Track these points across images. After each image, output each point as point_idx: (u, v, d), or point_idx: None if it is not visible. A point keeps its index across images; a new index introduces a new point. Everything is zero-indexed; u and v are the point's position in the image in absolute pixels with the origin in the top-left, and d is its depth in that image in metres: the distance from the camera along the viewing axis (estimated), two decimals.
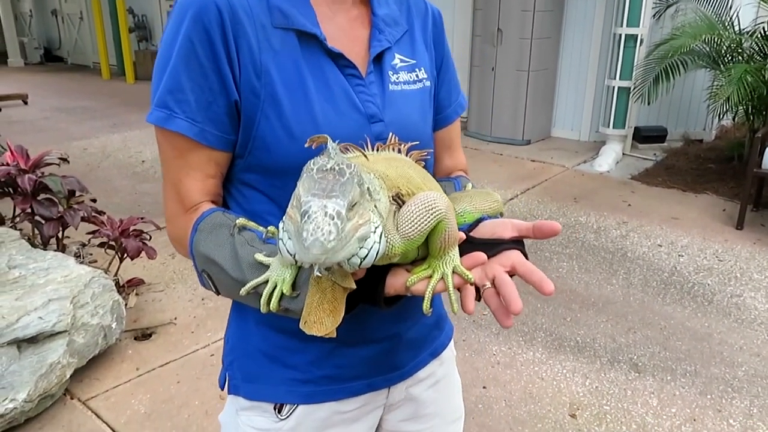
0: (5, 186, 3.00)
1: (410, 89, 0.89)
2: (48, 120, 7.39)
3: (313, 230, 0.54)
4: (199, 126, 0.77)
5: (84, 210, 3.02)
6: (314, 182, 0.57)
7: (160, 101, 0.77)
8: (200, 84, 0.77)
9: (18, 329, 2.24)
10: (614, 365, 2.63)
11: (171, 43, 0.77)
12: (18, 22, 12.81)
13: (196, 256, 0.79)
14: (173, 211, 0.83)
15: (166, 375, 2.53)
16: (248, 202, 0.85)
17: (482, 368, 2.60)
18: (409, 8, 0.94)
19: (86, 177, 4.32)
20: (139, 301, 3.08)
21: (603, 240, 3.91)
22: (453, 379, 1.07)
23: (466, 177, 1.00)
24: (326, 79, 0.81)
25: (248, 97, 0.78)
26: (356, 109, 0.82)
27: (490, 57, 6.05)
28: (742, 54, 4.91)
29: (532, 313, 3.04)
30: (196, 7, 0.75)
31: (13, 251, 2.71)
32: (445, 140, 1.01)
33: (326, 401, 0.89)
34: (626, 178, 5.17)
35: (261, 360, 0.89)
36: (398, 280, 0.71)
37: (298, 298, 0.71)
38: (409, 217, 0.65)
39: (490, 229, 0.78)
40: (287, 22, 0.79)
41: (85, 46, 12.18)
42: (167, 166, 0.82)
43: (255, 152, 0.80)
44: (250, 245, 0.75)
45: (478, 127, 6.39)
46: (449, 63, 1.00)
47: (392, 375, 0.93)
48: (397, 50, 0.89)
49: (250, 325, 0.90)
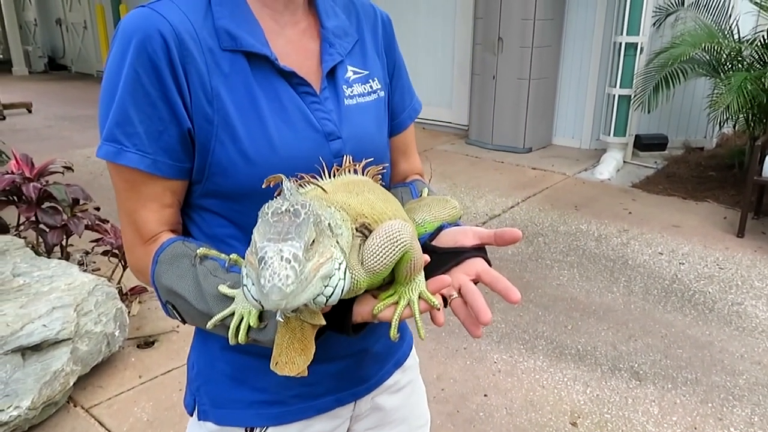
0: (10, 194, 3.02)
1: (365, 101, 0.88)
2: (52, 128, 7.44)
3: (270, 276, 0.53)
4: (151, 158, 0.75)
5: (88, 218, 3.04)
6: (269, 226, 0.57)
7: (108, 135, 0.75)
8: (149, 114, 0.74)
9: (22, 337, 2.26)
10: (615, 373, 2.63)
11: (116, 73, 0.74)
12: (23, 31, 12.91)
13: (158, 287, 0.77)
14: (131, 242, 0.81)
15: (169, 382, 2.54)
16: (208, 226, 0.83)
17: (483, 376, 2.61)
18: (358, 16, 0.92)
19: (89, 185, 4.34)
20: (142, 309, 3.10)
21: (604, 248, 3.92)
22: (417, 386, 1.08)
23: (422, 181, 1.00)
24: (280, 99, 0.79)
25: (201, 123, 0.76)
26: (313, 128, 0.81)
27: (491, 65, 6.09)
28: (742, 62, 4.93)
29: (533, 321, 3.05)
30: (140, 35, 0.73)
31: (18, 259, 2.73)
32: (401, 146, 1.01)
33: (296, 420, 0.89)
34: (627, 185, 5.19)
35: (228, 384, 0.88)
36: (365, 308, 0.71)
37: (266, 328, 0.71)
38: (374, 251, 0.65)
39: (452, 237, 0.78)
40: (235, 44, 0.77)
41: (89, 55, 12.26)
42: (121, 199, 0.79)
43: (212, 178, 0.78)
44: (213, 275, 0.74)
45: (479, 135, 6.42)
46: (401, 68, 0.98)
47: (359, 388, 0.94)
48: (349, 62, 0.88)
49: (214, 349, 0.89)
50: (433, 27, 6.85)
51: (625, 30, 5.25)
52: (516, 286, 0.71)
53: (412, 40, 6.86)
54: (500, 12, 5.85)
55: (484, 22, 6.10)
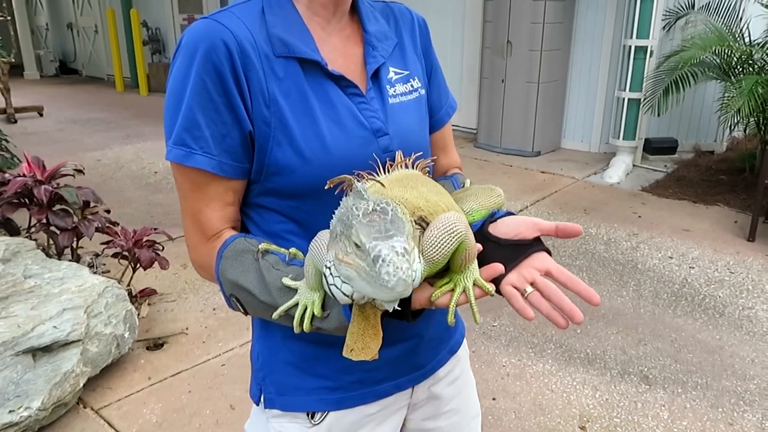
0: (22, 197, 3.05)
1: (407, 100, 0.93)
2: (63, 131, 7.50)
3: (394, 271, 0.58)
4: (217, 159, 0.80)
5: (98, 221, 3.07)
6: (367, 227, 0.61)
7: (177, 139, 0.80)
8: (214, 119, 0.79)
9: (33, 338, 2.27)
10: (624, 377, 2.62)
11: (182, 82, 0.79)
12: (34, 35, 13.04)
13: (223, 282, 0.82)
14: (195, 240, 0.86)
15: (178, 384, 2.55)
16: (266, 223, 0.88)
17: (492, 380, 2.60)
18: (396, 21, 0.98)
19: (100, 188, 4.38)
20: (152, 311, 3.12)
21: (613, 252, 3.90)
22: (469, 377, 1.11)
23: (461, 173, 1.05)
24: (330, 100, 0.84)
25: (260, 126, 0.81)
26: (362, 126, 0.85)
27: (500, 69, 6.08)
28: (752, 65, 4.90)
29: (541, 324, 3.04)
30: (205, 46, 0.78)
31: (29, 261, 2.75)
32: (440, 141, 1.05)
33: (356, 405, 0.93)
34: (637, 189, 5.16)
35: (291, 372, 0.93)
36: (423, 295, 0.75)
37: (329, 317, 0.76)
38: (433, 242, 0.69)
39: (514, 228, 0.81)
40: (288, 51, 0.82)
41: (100, 59, 12.35)
42: (186, 199, 0.84)
43: (269, 177, 0.83)
44: (275, 269, 0.79)
45: (487, 138, 6.41)
46: (437, 68, 1.04)
47: (416, 374, 0.97)
48: (391, 64, 0.93)
49: (277, 340, 0.93)
50: (443, 30, 6.85)
51: (635, 33, 5.23)
52: None
53: None
54: (509, 15, 5.84)
55: (493, 25, 6.10)
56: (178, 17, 10.48)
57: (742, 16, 5.16)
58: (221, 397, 2.46)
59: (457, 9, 6.72)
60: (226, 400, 2.43)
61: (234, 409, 2.39)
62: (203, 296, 3.26)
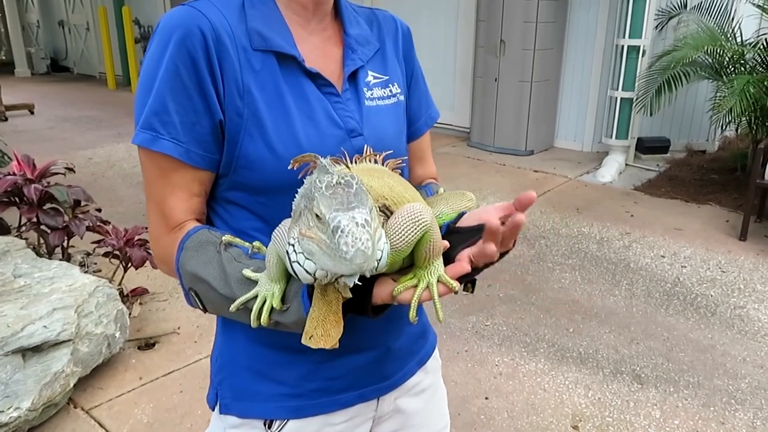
0: (11, 195, 3.02)
1: (385, 104, 0.92)
2: (54, 130, 7.45)
3: (353, 242, 0.56)
4: (184, 146, 0.79)
5: (89, 219, 3.05)
6: (329, 199, 0.59)
7: (145, 123, 0.78)
8: (185, 106, 0.78)
9: (23, 338, 2.25)
10: (617, 376, 2.62)
11: (155, 66, 0.78)
12: (25, 32, 12.93)
13: (183, 274, 0.80)
14: (157, 231, 0.84)
15: (169, 384, 2.54)
16: (233, 219, 0.86)
17: (484, 379, 2.60)
18: (379, 27, 0.98)
19: (91, 186, 4.35)
20: (143, 310, 3.10)
21: (606, 251, 3.91)
22: (438, 389, 1.08)
23: (436, 183, 1.04)
24: (306, 97, 0.84)
25: (232, 117, 0.80)
26: (336, 125, 0.85)
27: (493, 68, 6.09)
28: (744, 65, 4.93)
29: (534, 324, 3.04)
30: (181, 31, 0.77)
31: (19, 260, 2.73)
32: (417, 152, 1.05)
33: (317, 414, 0.90)
34: (629, 188, 5.18)
35: (250, 377, 0.90)
36: (385, 290, 0.72)
37: (288, 310, 0.73)
38: (397, 230, 0.67)
39: (476, 216, 0.79)
40: (266, 44, 0.82)
41: (92, 57, 12.28)
42: (151, 187, 0.82)
43: (239, 171, 0.82)
44: (237, 261, 0.77)
45: (480, 137, 6.41)
46: (419, 77, 1.03)
47: (381, 385, 0.95)
48: (370, 68, 0.92)
49: (238, 342, 0.91)
50: (436, 29, 6.85)
51: (628, 33, 5.24)
52: (518, 289, 0.71)
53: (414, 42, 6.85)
54: (502, 14, 5.85)
55: (486, 24, 6.10)
56: None
57: (734, 16, 5.18)
58: None
59: (450, 8, 6.72)
60: None
61: None
62: None
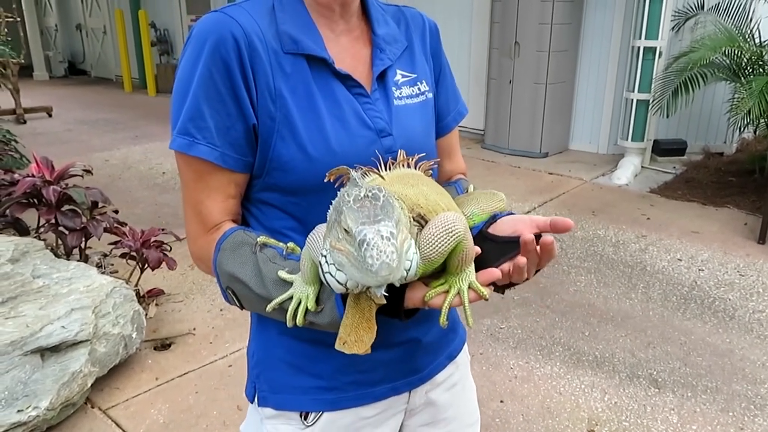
0: (30, 197, 3.06)
1: (413, 103, 0.93)
2: (71, 132, 7.53)
3: (378, 255, 0.58)
4: (220, 150, 0.81)
5: (106, 221, 3.08)
6: (356, 212, 0.61)
7: (182, 129, 0.80)
8: (219, 111, 0.80)
9: (41, 338, 2.28)
10: (633, 380, 2.60)
11: (190, 73, 0.80)
12: (44, 36, 13.10)
13: (220, 274, 0.82)
14: (195, 231, 0.86)
15: (185, 385, 2.55)
16: (267, 219, 0.88)
17: (499, 382, 2.59)
18: (407, 24, 0.98)
19: (108, 188, 4.39)
20: (159, 311, 3.12)
21: (622, 254, 3.87)
22: (468, 384, 1.10)
23: (465, 179, 1.04)
24: (336, 99, 0.85)
25: (265, 120, 0.81)
26: (366, 126, 0.86)
27: (508, 70, 6.06)
28: (763, 66, 4.86)
29: (550, 327, 3.02)
30: (214, 38, 0.79)
31: (38, 261, 2.76)
32: (446, 147, 1.05)
33: (351, 407, 0.92)
34: (645, 191, 5.13)
35: (286, 370, 0.92)
36: (416, 294, 0.74)
37: (323, 311, 0.75)
38: (430, 240, 0.68)
39: (511, 225, 0.80)
40: (297, 47, 0.83)
41: (108, 60, 12.41)
42: (188, 189, 0.85)
43: (272, 172, 0.83)
44: (272, 262, 0.79)
45: (495, 139, 6.39)
46: (447, 73, 1.04)
47: (413, 378, 0.96)
48: (399, 66, 0.93)
49: (273, 337, 0.93)
50: (450, 31, 6.84)
51: (644, 34, 5.20)
52: (533, 292, 0.72)
53: None
54: (517, 16, 5.83)
55: (500, 26, 6.08)
56: (186, 18, 10.51)
57: (752, 16, 5.12)
58: (228, 397, 2.46)
59: (465, 10, 6.71)
60: (233, 401, 2.43)
61: (241, 410, 2.39)
62: (210, 297, 3.26)
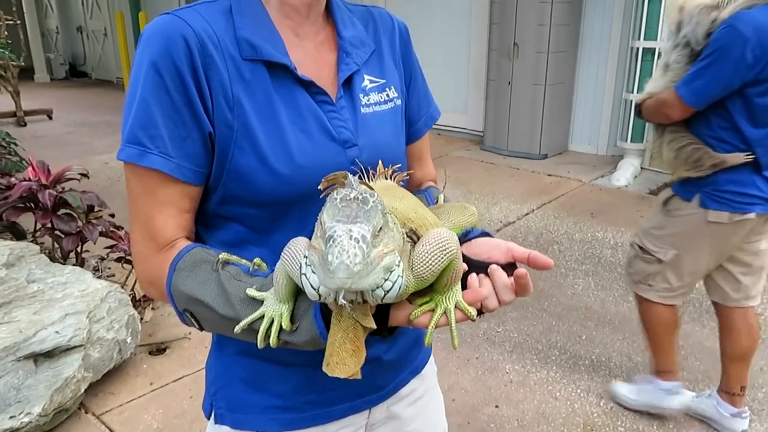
0: (27, 201, 3.06)
1: (382, 110, 0.89)
2: (71, 134, 7.54)
3: (339, 253, 0.54)
4: (175, 161, 0.75)
5: (102, 225, 3.07)
6: (338, 210, 0.57)
7: (131, 137, 0.75)
8: (173, 118, 0.75)
9: (35, 343, 2.28)
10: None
11: (139, 77, 0.75)
12: (45, 38, 13.11)
13: (175, 297, 0.76)
14: (144, 251, 0.79)
15: (180, 390, 2.55)
16: (224, 233, 0.83)
17: (495, 386, 2.58)
18: (375, 26, 0.94)
19: (107, 190, 4.39)
20: (155, 315, 3.12)
21: (620, 256, 3.86)
22: (434, 395, 1.07)
23: (435, 188, 1.00)
24: (298, 107, 0.81)
25: (221, 129, 0.77)
26: (329, 136, 0.82)
27: (507, 71, 6.05)
28: None
29: (546, 330, 3.01)
30: (163, 40, 0.74)
31: (33, 265, 2.76)
32: (416, 153, 1.02)
33: (308, 427, 0.90)
34: (645, 192, 5.11)
35: (244, 388, 0.90)
36: (401, 313, 0.70)
37: (298, 330, 0.71)
38: (424, 258, 0.65)
39: (487, 251, 0.77)
40: (256, 53, 0.79)
41: (109, 62, 12.42)
42: (136, 204, 0.78)
43: (229, 184, 0.79)
44: (237, 280, 0.74)
45: (494, 141, 6.38)
46: (418, 76, 0.99)
47: (373, 396, 0.94)
48: (366, 71, 0.89)
49: (231, 354, 0.90)
50: (448, 32, 6.83)
51: (643, 35, 5.18)
52: (530, 295, 0.70)
53: (427, 45, 6.84)
54: (516, 17, 5.81)
55: (499, 27, 6.07)
56: None
57: None
58: None
59: (463, 11, 6.70)
60: None
61: None
62: None
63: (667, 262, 2.14)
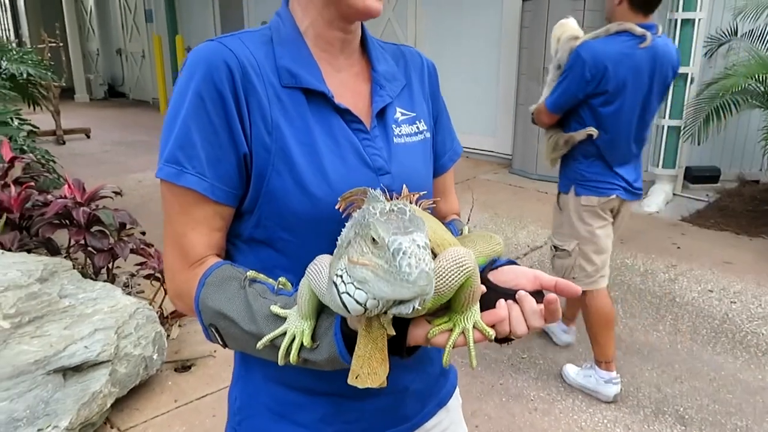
0: (62, 217, 3.15)
1: (412, 141, 0.92)
2: (108, 153, 7.75)
3: (416, 263, 0.55)
4: (209, 182, 0.78)
5: (133, 242, 3.14)
6: (385, 224, 0.59)
7: (170, 156, 0.78)
8: (210, 140, 0.78)
9: (64, 358, 2.32)
10: (659, 417, 2.52)
11: (181, 100, 0.78)
12: (86, 60, 13.60)
13: (202, 311, 0.78)
14: (175, 266, 0.82)
15: (203, 408, 2.56)
16: (256, 255, 0.85)
17: (519, 414, 2.54)
18: (406, 63, 0.98)
19: (140, 208, 4.49)
20: (182, 332, 3.16)
21: (650, 283, 3.78)
22: (459, 428, 1.06)
23: (459, 220, 1.02)
24: (334, 134, 0.83)
25: (259, 152, 0.79)
26: (364, 163, 0.85)
27: (536, 95, 6.01)
28: None
29: (573, 358, 2.95)
30: (207, 65, 0.77)
31: (65, 281, 2.83)
32: (440, 187, 1.04)
33: None
34: (676, 219, 5.02)
35: (269, 417, 0.89)
36: (419, 332, 0.71)
37: (319, 348, 0.72)
38: (441, 273, 0.66)
39: (514, 278, 0.77)
40: (295, 81, 0.82)
41: (146, 83, 12.78)
42: (171, 221, 0.82)
43: (264, 207, 0.81)
44: (262, 297, 0.76)
45: (522, 164, 6.35)
46: (444, 113, 1.03)
47: (400, 428, 0.93)
48: (398, 104, 0.92)
49: (257, 382, 0.91)
50: (478, 56, 6.86)
51: None
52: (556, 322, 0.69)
53: (457, 69, 6.89)
54: (545, 41, 5.81)
55: (528, 51, 6.08)
56: None
57: None
58: None
59: (493, 35, 6.73)
60: None
61: None
62: None
63: (574, 252, 2.58)
